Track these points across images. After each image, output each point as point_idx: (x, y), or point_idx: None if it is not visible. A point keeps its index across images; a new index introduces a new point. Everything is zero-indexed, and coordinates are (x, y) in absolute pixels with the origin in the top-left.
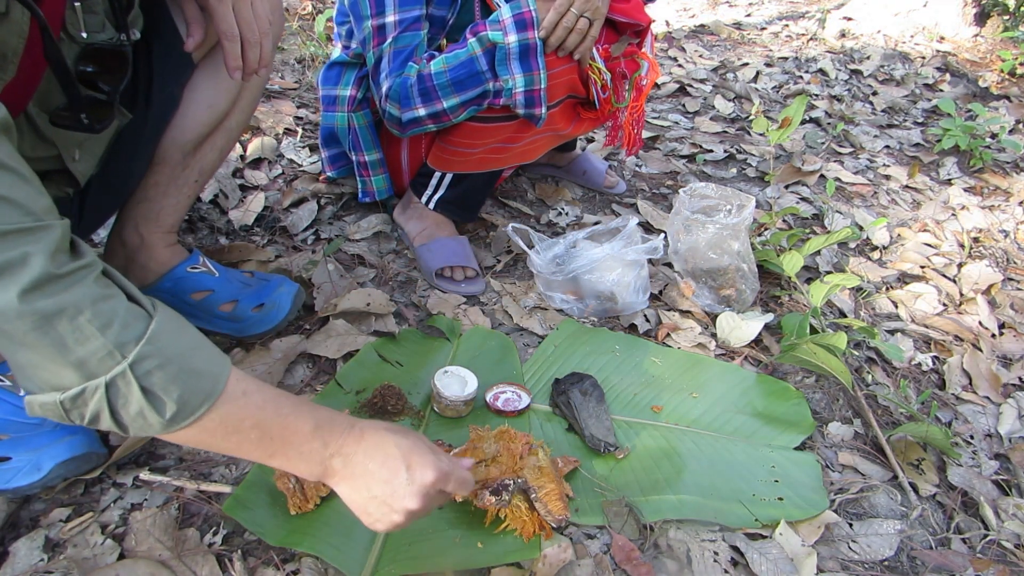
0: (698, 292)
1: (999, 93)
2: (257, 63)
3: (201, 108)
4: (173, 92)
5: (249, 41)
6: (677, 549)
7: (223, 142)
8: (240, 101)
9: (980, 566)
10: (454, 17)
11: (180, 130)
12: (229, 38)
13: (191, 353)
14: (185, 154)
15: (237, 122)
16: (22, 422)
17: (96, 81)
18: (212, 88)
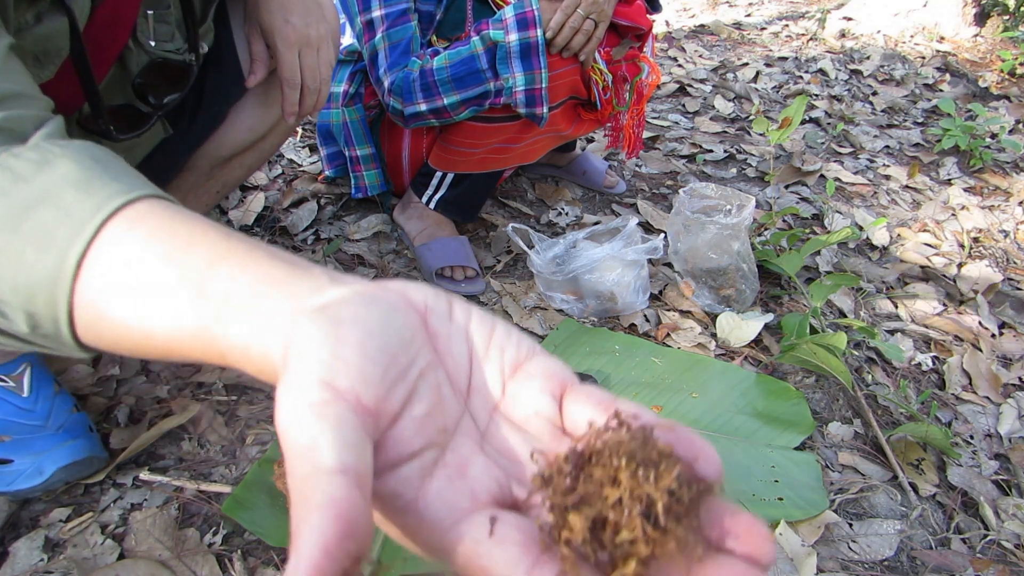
0: (698, 292)
1: (999, 93)
2: (312, 108)
3: (242, 130)
4: (220, 111)
5: (309, 88)
6: None
7: (252, 160)
8: (278, 127)
9: (980, 566)
10: (442, 13)
11: (216, 145)
12: (291, 85)
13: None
14: (213, 166)
15: (271, 144)
16: (24, 424)
17: (146, 93)
18: (258, 115)
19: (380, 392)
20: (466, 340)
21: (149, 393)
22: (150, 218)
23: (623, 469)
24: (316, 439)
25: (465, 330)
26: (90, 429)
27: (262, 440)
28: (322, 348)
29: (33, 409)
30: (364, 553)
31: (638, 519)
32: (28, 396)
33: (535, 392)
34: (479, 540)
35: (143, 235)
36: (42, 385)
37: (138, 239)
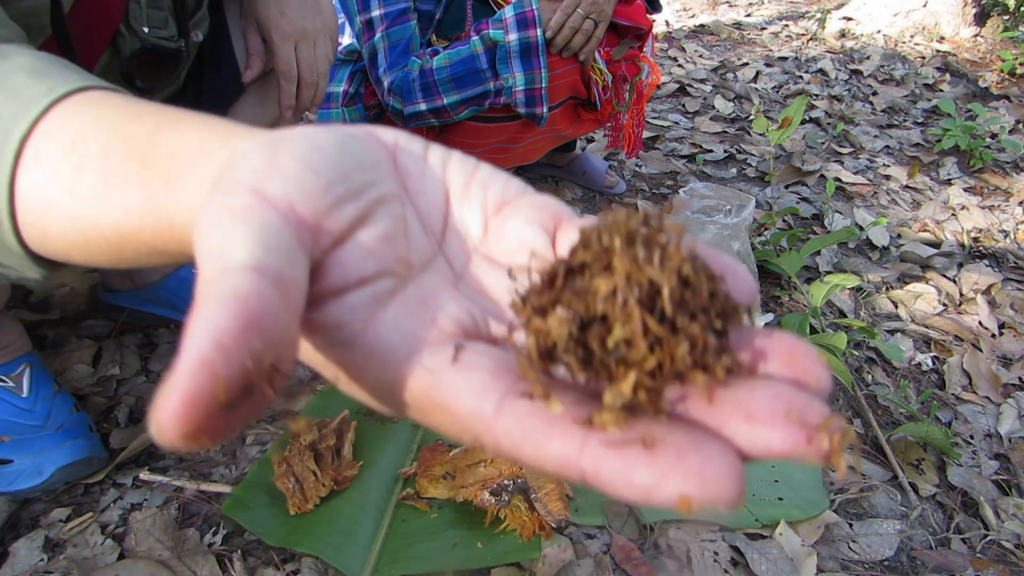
0: None
1: (999, 93)
2: (310, 103)
3: None
4: (218, 111)
5: (306, 82)
6: (677, 549)
7: None
8: (277, 125)
9: (980, 566)
10: (441, 12)
11: None
12: (287, 78)
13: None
14: None
15: None
16: (24, 424)
17: (135, 77)
18: (256, 113)
19: (321, 205)
20: (442, 178)
21: (149, 393)
22: (103, 102)
23: (618, 253)
24: (230, 240)
25: (442, 168)
26: (90, 429)
27: (262, 440)
28: (256, 157)
29: (33, 409)
30: (274, 359)
31: (636, 310)
32: (28, 396)
33: (522, 225)
34: (439, 369)
35: (93, 115)
36: (42, 385)
37: (87, 119)
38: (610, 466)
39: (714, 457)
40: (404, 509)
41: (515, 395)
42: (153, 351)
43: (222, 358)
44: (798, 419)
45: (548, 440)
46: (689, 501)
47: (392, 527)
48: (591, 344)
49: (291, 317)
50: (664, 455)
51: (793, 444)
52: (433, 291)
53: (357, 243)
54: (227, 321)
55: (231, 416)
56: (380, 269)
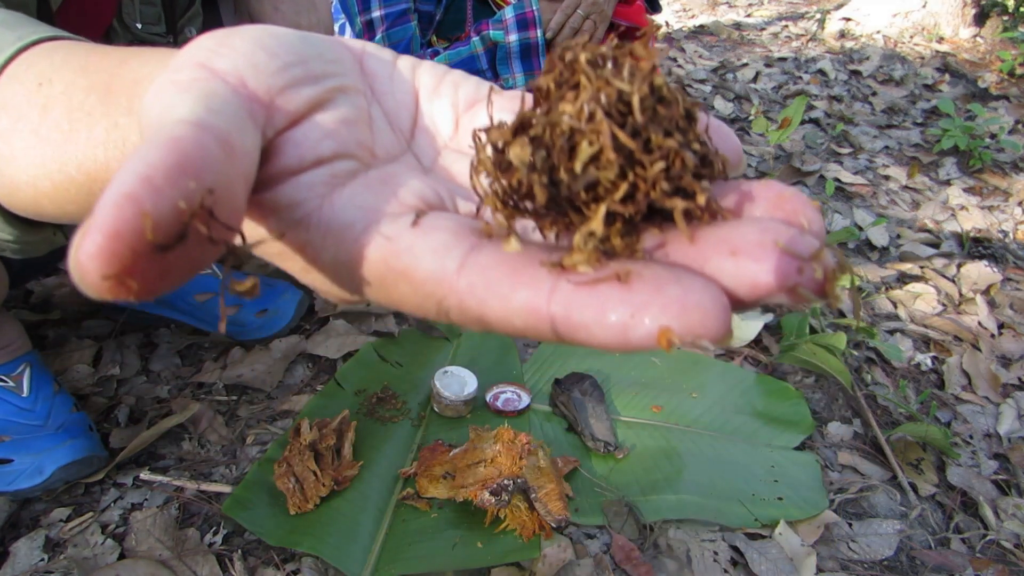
0: None
1: (998, 93)
2: None
3: None
4: None
5: None
6: (677, 549)
7: None
8: None
9: (980, 566)
10: (442, 13)
11: None
12: None
13: None
14: None
15: None
16: (24, 424)
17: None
18: None
19: (275, 83)
20: (412, 80)
21: (149, 393)
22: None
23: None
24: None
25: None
26: (90, 428)
27: (262, 440)
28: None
29: (33, 409)
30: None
31: (604, 123)
32: (28, 396)
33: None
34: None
35: (60, 57)
36: (42, 385)
37: (55, 60)
38: (581, 306)
39: (696, 288)
40: (404, 509)
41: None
42: (153, 351)
43: (150, 193)
44: (788, 249)
45: (514, 289)
46: (669, 334)
47: (392, 527)
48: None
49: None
50: (640, 288)
51: (783, 276)
52: (397, 174)
53: (314, 124)
54: (158, 158)
55: (163, 262)
56: (339, 151)
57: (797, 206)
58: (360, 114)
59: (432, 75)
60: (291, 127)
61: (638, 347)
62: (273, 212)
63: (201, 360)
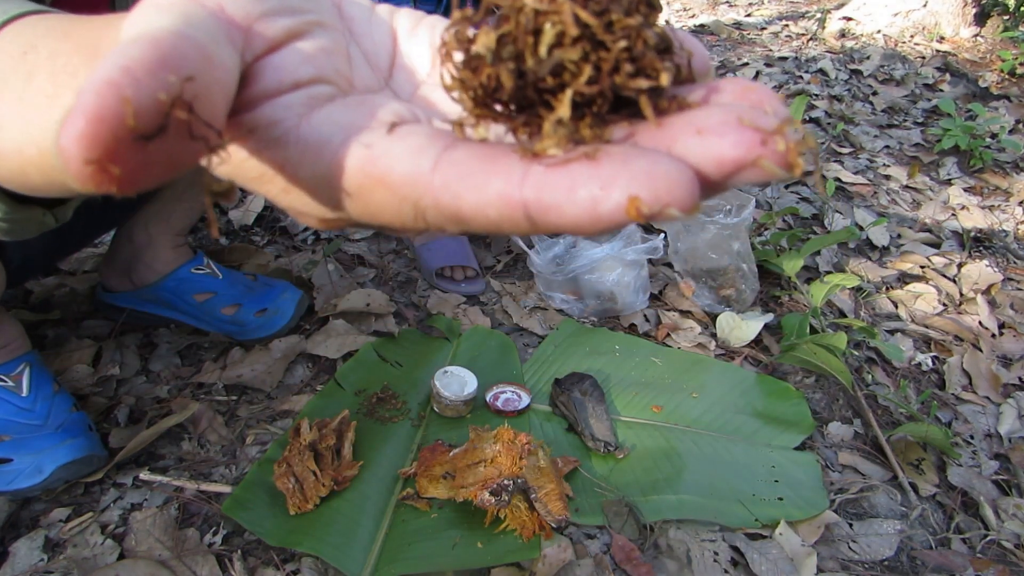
0: (698, 292)
1: (999, 93)
2: None
3: None
4: None
5: None
6: (677, 549)
7: None
8: None
9: (980, 566)
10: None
11: None
12: None
13: None
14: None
15: None
16: (24, 424)
17: None
18: None
19: (253, 10)
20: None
21: (149, 393)
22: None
23: None
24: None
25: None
26: (89, 428)
27: (262, 440)
28: None
29: (32, 408)
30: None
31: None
32: (27, 396)
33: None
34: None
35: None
36: (41, 384)
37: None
38: (552, 187)
39: (663, 160)
40: (404, 509)
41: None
42: (153, 351)
43: (131, 82)
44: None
45: (488, 179)
46: (638, 203)
47: (392, 527)
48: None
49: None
50: (608, 163)
51: (747, 148)
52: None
53: (293, 50)
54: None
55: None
56: (317, 76)
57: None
58: (338, 46)
59: (410, 18)
60: (269, 53)
61: (608, 220)
62: (252, 132)
63: (201, 360)
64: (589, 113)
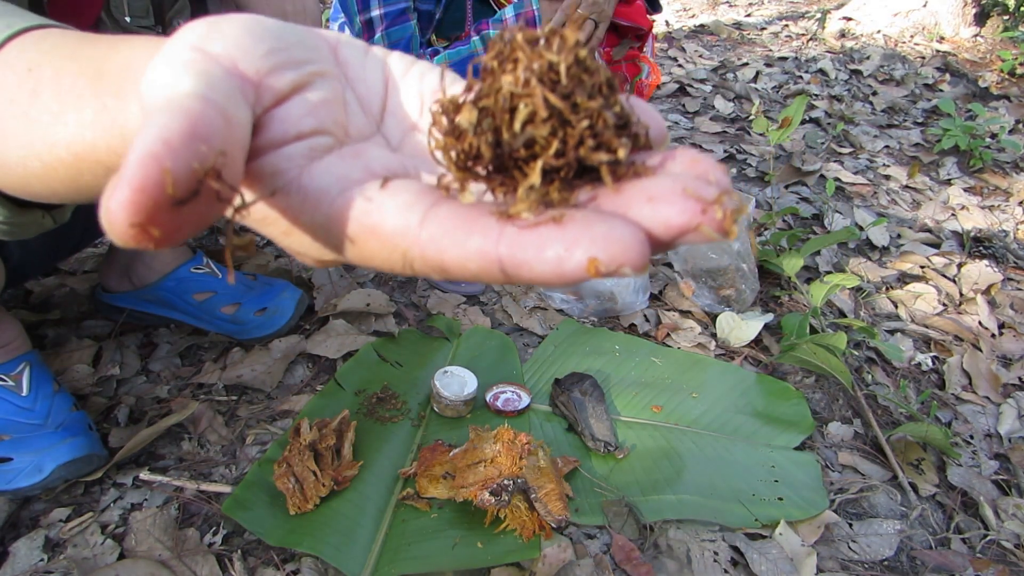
0: (698, 292)
1: (999, 93)
2: None
3: None
4: None
5: None
6: (677, 549)
7: None
8: None
9: (980, 566)
10: (441, 12)
11: None
12: None
13: None
14: None
15: None
16: (23, 423)
17: None
18: None
19: (262, 66)
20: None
21: (149, 393)
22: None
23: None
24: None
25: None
26: (89, 427)
27: (262, 440)
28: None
29: (32, 408)
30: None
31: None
32: (27, 395)
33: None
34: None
35: (50, 43)
36: (41, 384)
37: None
38: (524, 246)
39: (618, 226)
40: (404, 509)
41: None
42: (153, 351)
43: (170, 153)
44: (694, 195)
45: (468, 237)
46: (596, 264)
47: (392, 527)
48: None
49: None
50: (572, 227)
51: (690, 216)
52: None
53: (296, 103)
54: (175, 125)
55: (180, 215)
56: (317, 127)
57: (707, 166)
58: (336, 96)
59: (400, 65)
60: (276, 105)
61: (571, 277)
62: (259, 179)
63: (201, 360)
64: (557, 178)
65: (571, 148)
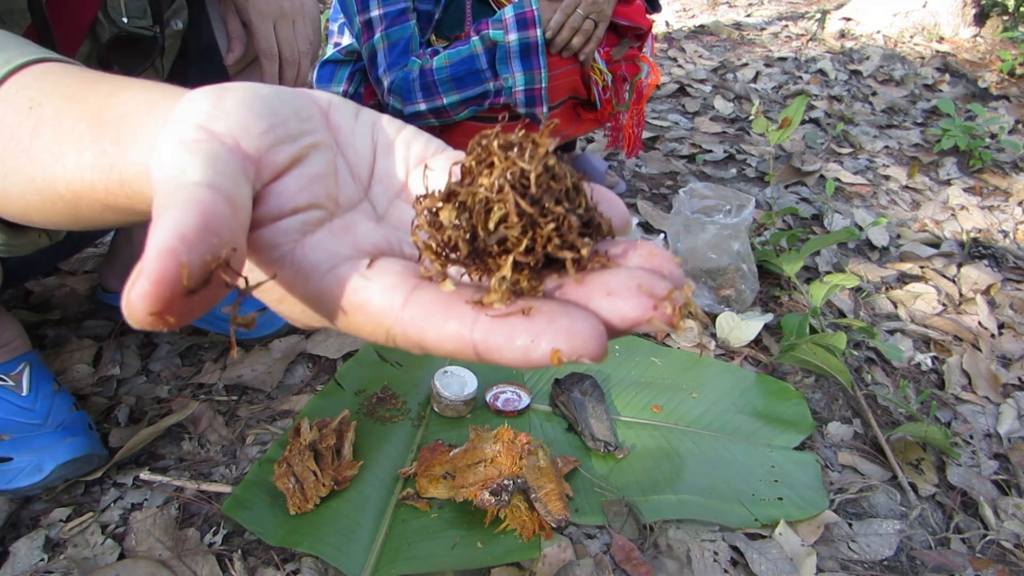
0: (698, 292)
1: (998, 93)
2: (294, 82)
3: None
4: None
5: (288, 61)
6: (677, 549)
7: None
8: None
9: (980, 566)
10: (440, 12)
11: None
12: (268, 57)
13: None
14: None
15: None
16: (24, 423)
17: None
18: None
19: (262, 143)
20: (371, 135)
21: (149, 393)
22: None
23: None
24: (184, 165)
25: (371, 127)
26: (89, 427)
27: (262, 440)
28: (203, 103)
29: (32, 408)
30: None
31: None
32: (27, 395)
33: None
34: (356, 275)
35: (49, 82)
36: (41, 384)
37: (44, 85)
38: (495, 334)
39: (579, 319)
40: (404, 509)
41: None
42: (153, 351)
43: (186, 249)
44: (648, 292)
45: (446, 321)
46: (559, 355)
47: (392, 527)
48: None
49: (240, 230)
50: (539, 320)
51: (643, 311)
52: (356, 222)
53: (293, 178)
54: (190, 220)
55: (192, 301)
56: (311, 202)
57: (661, 260)
58: (329, 168)
59: (388, 131)
60: (274, 181)
61: (536, 364)
62: (256, 251)
63: (201, 360)
64: (527, 268)
65: (539, 246)
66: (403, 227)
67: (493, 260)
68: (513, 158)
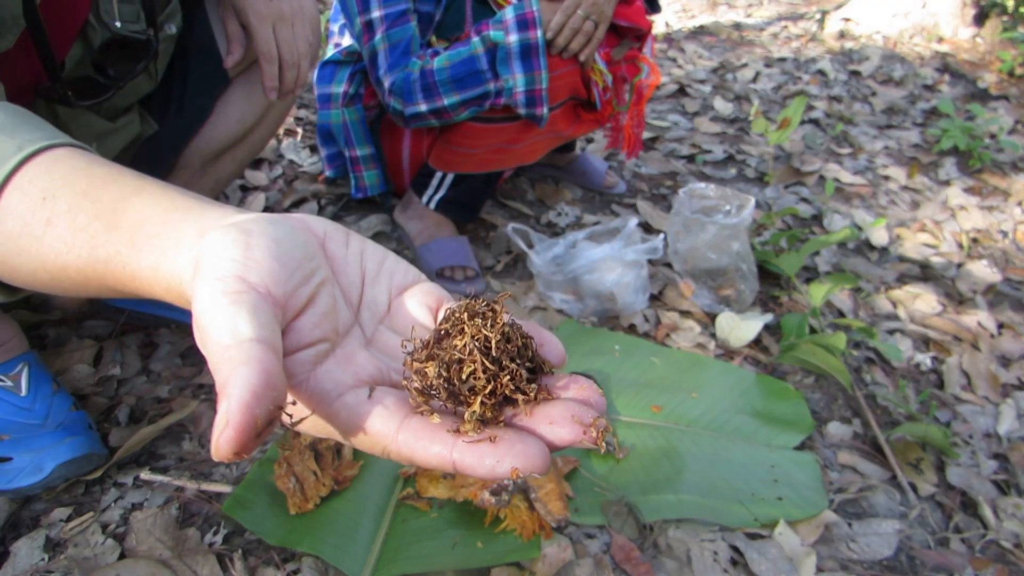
0: (698, 292)
1: (998, 94)
2: (294, 84)
3: (231, 122)
4: (205, 104)
5: (287, 62)
6: (677, 549)
7: (243, 155)
8: (267, 117)
9: (979, 566)
10: (441, 13)
11: (206, 140)
12: (268, 59)
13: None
14: (205, 162)
15: (260, 137)
16: (23, 423)
17: (105, 66)
18: (245, 104)
19: (287, 289)
20: (360, 264)
21: (149, 393)
22: (70, 160)
23: (467, 322)
24: (235, 317)
25: (360, 256)
26: (89, 427)
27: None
28: (234, 250)
29: (32, 408)
30: (282, 403)
31: (478, 355)
32: (26, 395)
33: (415, 306)
34: (359, 403)
35: (61, 176)
36: (40, 384)
37: (56, 177)
38: (469, 456)
39: (531, 445)
40: (404, 509)
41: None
42: (153, 351)
43: (257, 403)
44: (579, 421)
45: (431, 444)
46: (517, 471)
47: (392, 527)
48: (453, 380)
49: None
50: (502, 445)
51: (575, 436)
52: (353, 352)
53: (308, 316)
54: (256, 378)
55: (259, 438)
56: (321, 337)
57: (589, 392)
58: (333, 302)
59: (374, 260)
60: (295, 319)
61: (502, 478)
62: None
63: (202, 360)
64: (492, 403)
65: (500, 390)
66: (390, 353)
67: (464, 398)
68: (479, 326)
